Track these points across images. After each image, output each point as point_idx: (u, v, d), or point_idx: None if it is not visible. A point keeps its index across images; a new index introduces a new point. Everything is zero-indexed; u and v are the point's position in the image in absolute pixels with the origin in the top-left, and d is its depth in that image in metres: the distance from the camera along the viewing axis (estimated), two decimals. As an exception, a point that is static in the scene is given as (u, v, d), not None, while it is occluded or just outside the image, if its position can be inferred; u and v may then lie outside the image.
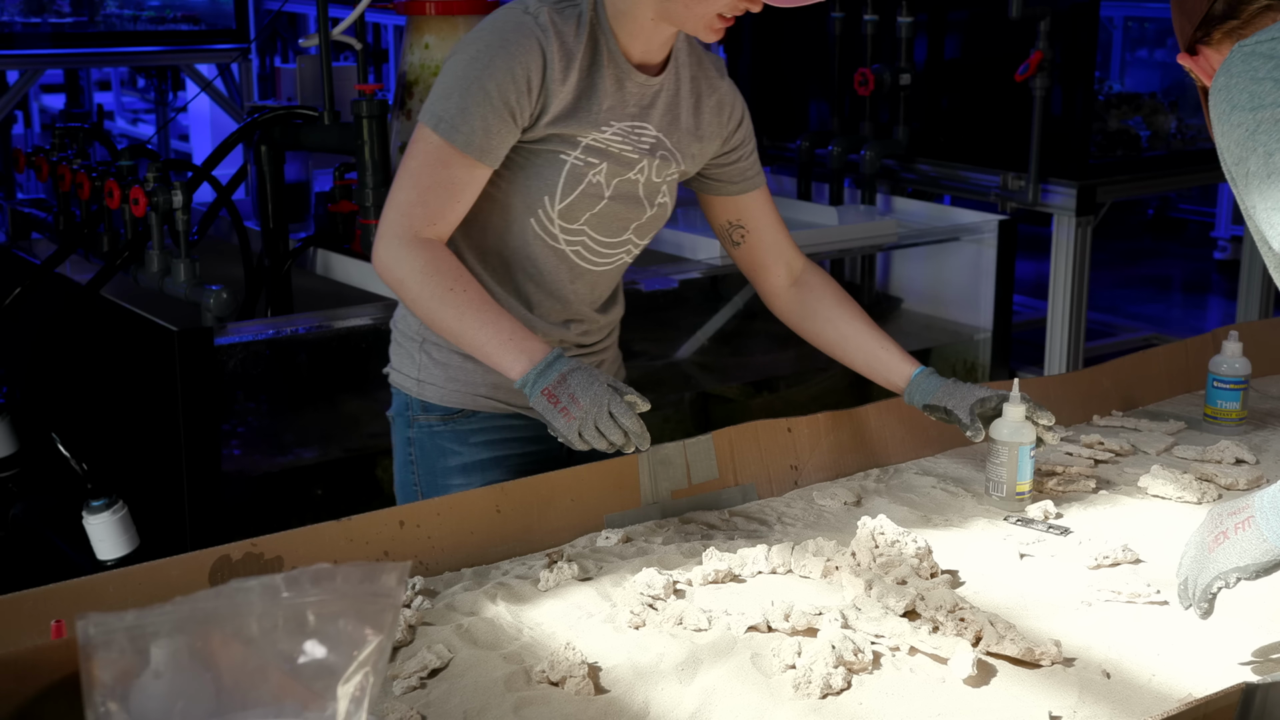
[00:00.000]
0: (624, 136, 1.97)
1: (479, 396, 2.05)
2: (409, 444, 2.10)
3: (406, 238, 1.90)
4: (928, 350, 4.39)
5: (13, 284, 3.38)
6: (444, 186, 1.90)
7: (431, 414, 2.07)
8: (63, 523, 2.94)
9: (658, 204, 2.06)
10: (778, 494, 2.11)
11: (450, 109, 1.87)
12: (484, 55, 1.87)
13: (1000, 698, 1.47)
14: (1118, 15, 7.82)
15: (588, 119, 1.93)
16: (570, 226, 1.98)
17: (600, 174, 1.96)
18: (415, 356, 2.07)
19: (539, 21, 1.88)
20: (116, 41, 5.41)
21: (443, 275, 1.89)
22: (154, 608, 0.94)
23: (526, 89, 1.87)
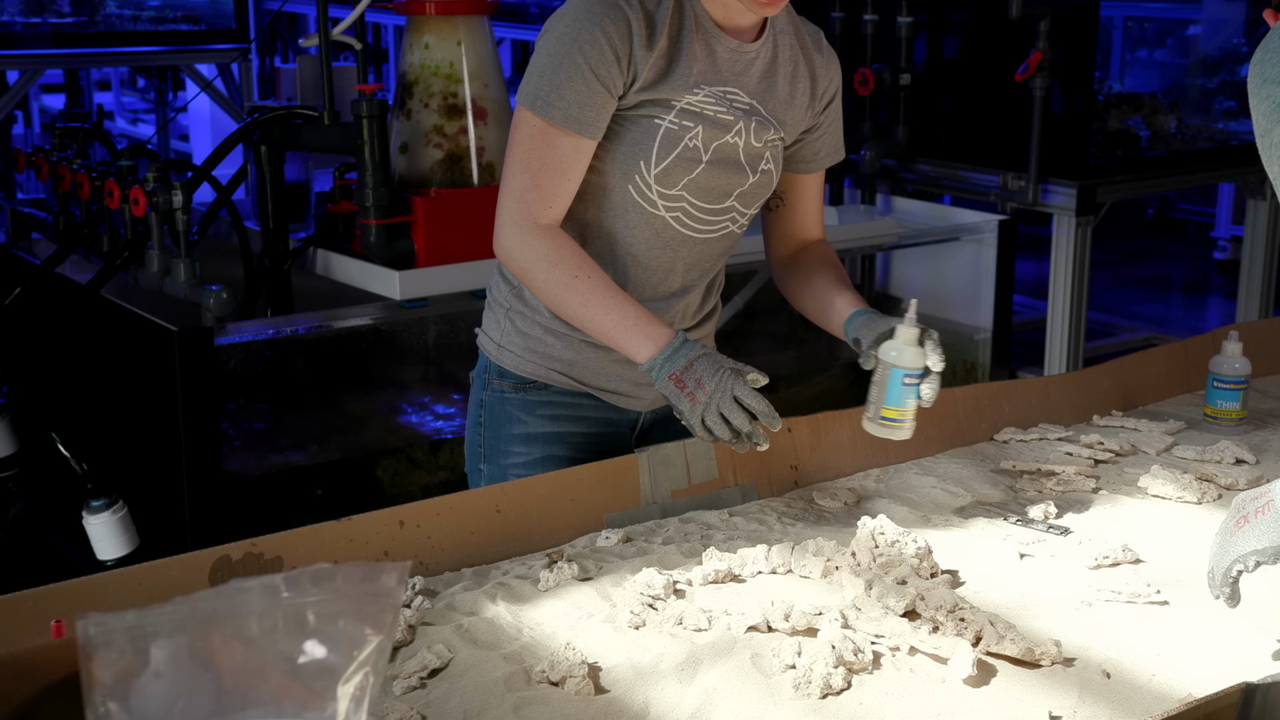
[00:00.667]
0: (717, 99, 1.97)
1: (553, 371, 2.07)
2: (481, 405, 2.14)
3: (525, 225, 1.93)
4: (928, 350, 4.38)
5: (13, 284, 3.38)
6: (553, 166, 1.92)
7: (505, 380, 2.10)
8: (63, 523, 2.94)
9: (761, 170, 2.05)
10: (778, 494, 2.11)
11: (545, 86, 1.89)
12: (572, 29, 1.88)
13: (1000, 698, 1.47)
14: (1118, 15, 7.82)
15: (679, 82, 1.93)
16: (669, 192, 1.98)
17: (696, 138, 1.96)
18: (500, 322, 2.10)
19: None
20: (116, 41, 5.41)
21: (566, 263, 1.92)
22: (154, 608, 0.94)
23: (615, 58, 1.89)
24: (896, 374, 1.93)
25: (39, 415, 3.50)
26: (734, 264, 3.79)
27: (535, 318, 2.06)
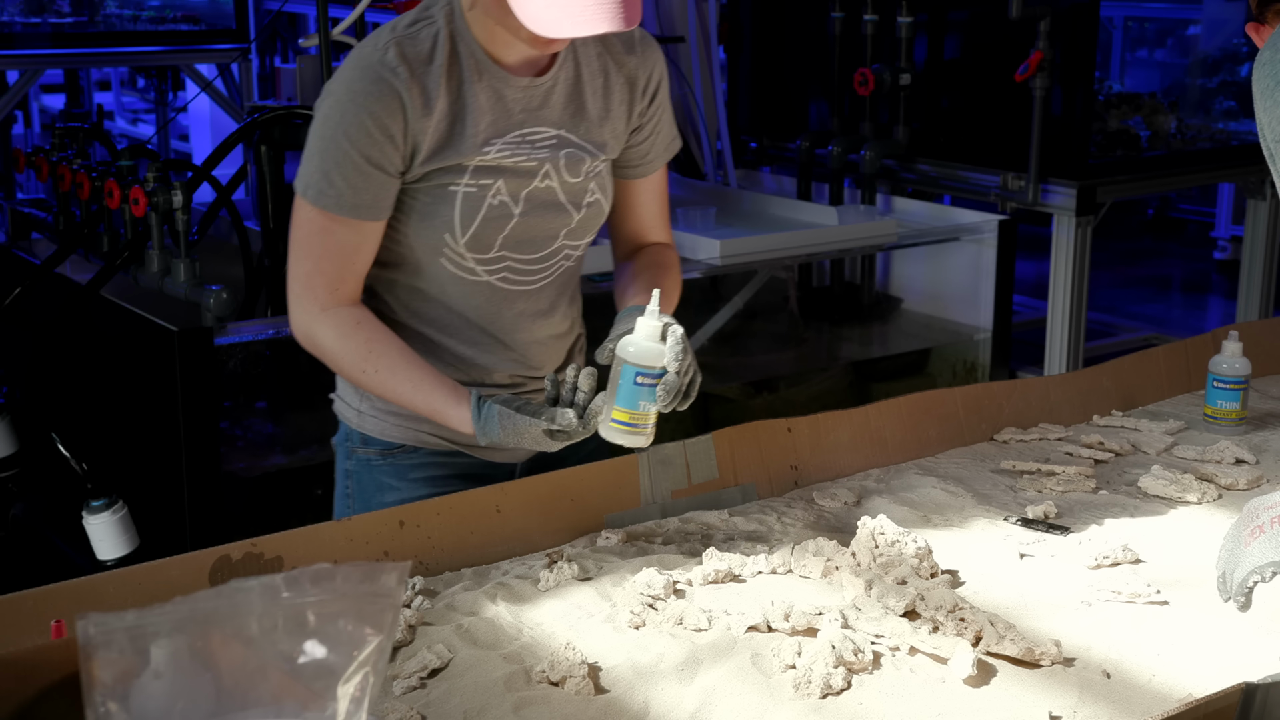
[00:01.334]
0: (515, 147, 1.85)
1: (420, 432, 1.98)
2: (347, 476, 2.04)
3: (313, 310, 1.85)
4: (928, 350, 4.39)
5: (13, 284, 3.38)
6: (335, 252, 1.83)
7: (371, 448, 2.01)
8: (63, 523, 2.94)
9: (587, 205, 1.94)
10: (778, 494, 2.11)
11: (316, 175, 1.80)
12: (335, 113, 1.79)
13: (1000, 698, 1.47)
14: (1118, 15, 7.82)
15: (467, 144, 1.82)
16: (486, 256, 1.88)
17: (500, 193, 1.86)
18: (357, 388, 1.99)
19: (386, 61, 1.77)
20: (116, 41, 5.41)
21: (355, 348, 1.84)
22: (154, 608, 0.94)
23: (387, 138, 1.78)
24: (629, 371, 1.73)
25: (39, 415, 3.50)
26: (734, 264, 3.82)
27: None
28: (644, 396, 1.72)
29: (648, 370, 1.72)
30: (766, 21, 5.20)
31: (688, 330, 2.07)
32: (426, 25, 1.81)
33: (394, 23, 1.84)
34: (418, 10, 1.83)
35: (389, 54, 1.78)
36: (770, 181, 5.05)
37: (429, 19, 1.82)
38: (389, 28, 1.82)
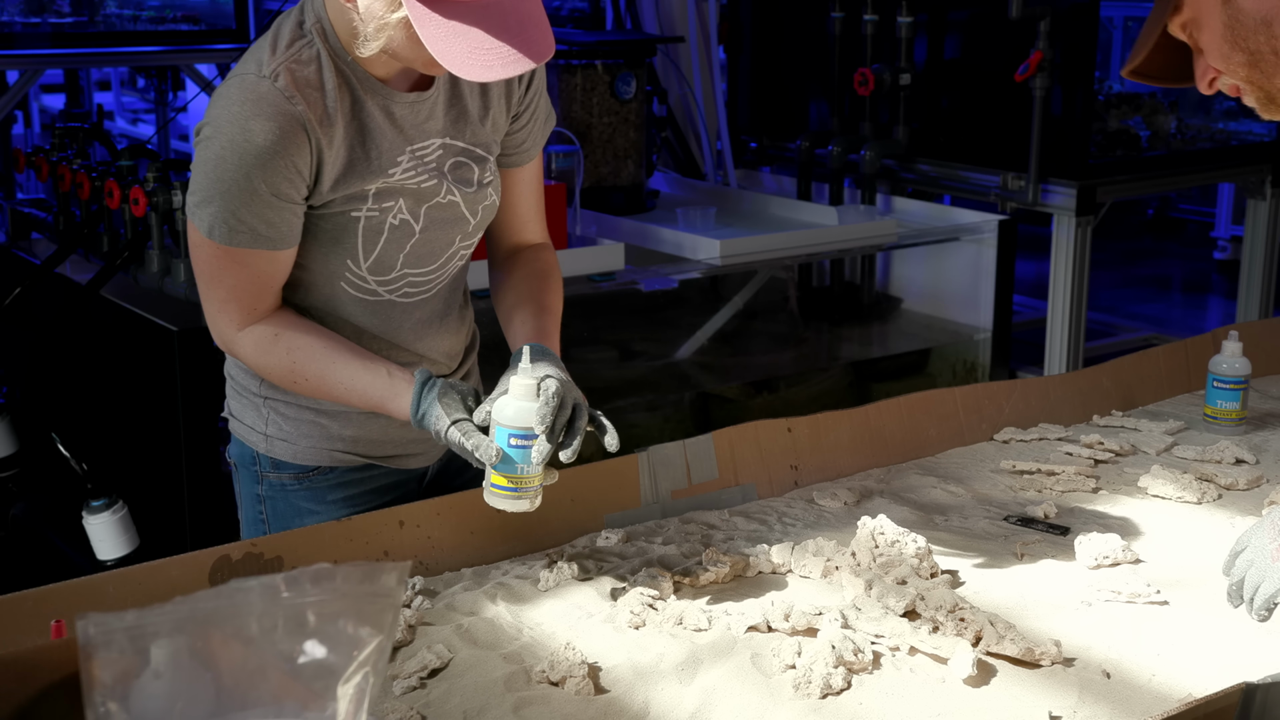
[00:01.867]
0: (415, 167, 1.79)
1: (335, 451, 1.92)
2: (259, 501, 1.96)
3: (231, 330, 1.79)
4: (928, 350, 4.39)
5: (13, 284, 3.38)
6: (250, 280, 1.75)
7: (284, 472, 1.93)
8: (63, 523, 2.94)
9: (484, 207, 1.88)
10: (778, 494, 2.11)
11: (221, 214, 1.70)
12: (233, 149, 1.67)
13: (1000, 698, 1.47)
14: (1118, 15, 7.82)
15: (369, 168, 1.75)
16: (387, 277, 1.83)
17: (401, 211, 1.80)
18: (261, 411, 1.92)
19: (279, 87, 1.67)
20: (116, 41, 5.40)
21: (279, 357, 1.77)
22: (154, 608, 0.94)
23: (296, 172, 1.70)
24: (502, 434, 1.64)
25: (39, 415, 3.50)
26: (734, 264, 3.82)
27: (299, 401, 1.89)
28: (521, 459, 1.64)
29: (522, 432, 1.63)
30: (766, 21, 5.20)
31: (687, 330, 2.05)
32: (306, 46, 1.71)
33: (265, 43, 1.73)
34: (290, 30, 1.72)
35: (281, 80, 1.68)
36: (770, 181, 5.05)
37: (305, 39, 1.71)
38: (267, 48, 1.71)
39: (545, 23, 1.61)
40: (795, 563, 1.80)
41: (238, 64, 1.75)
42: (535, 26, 1.60)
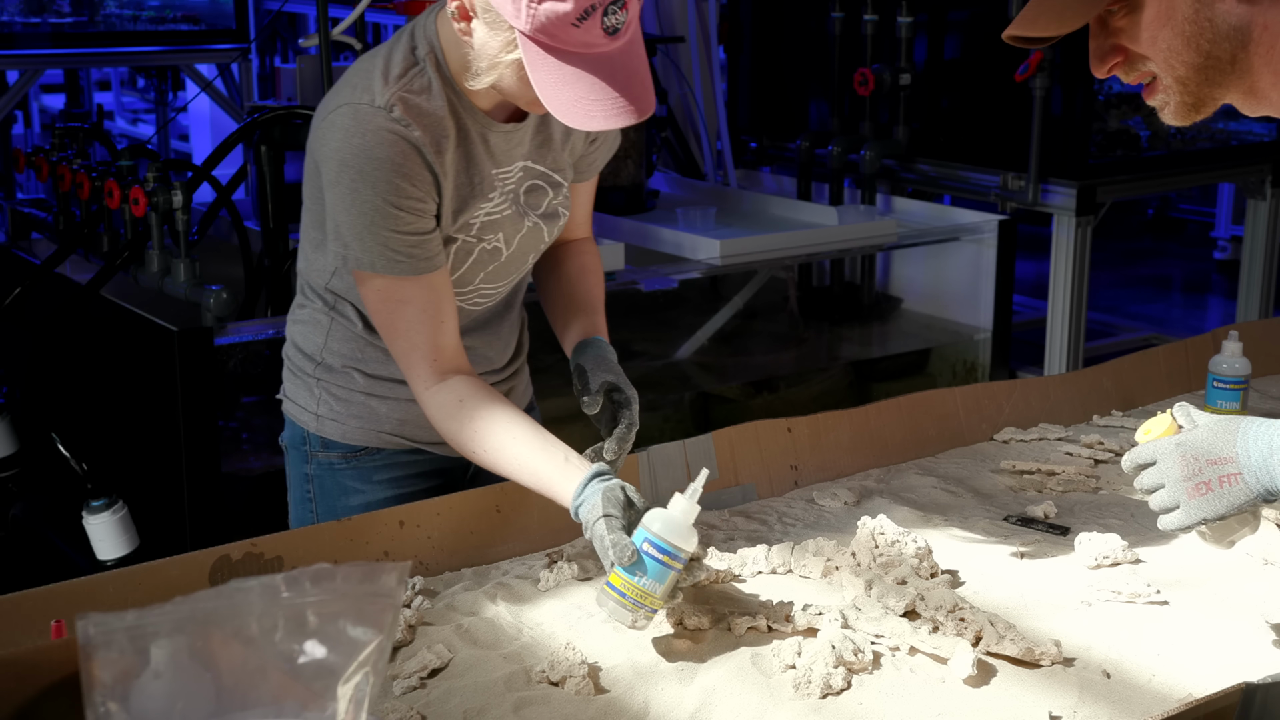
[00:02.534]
0: (506, 198, 1.84)
1: (383, 434, 1.96)
2: (307, 480, 2.01)
3: (420, 389, 1.80)
4: (928, 350, 4.39)
5: (13, 284, 3.38)
6: (418, 320, 1.78)
7: (332, 451, 1.97)
8: (63, 523, 2.94)
9: (558, 227, 1.94)
10: (778, 494, 2.11)
11: (374, 245, 1.73)
12: (366, 183, 1.70)
13: (1000, 698, 1.47)
14: (1117, 15, 7.80)
15: (472, 195, 1.80)
16: (463, 289, 1.87)
17: (498, 240, 1.85)
18: (314, 391, 1.97)
19: (396, 117, 1.71)
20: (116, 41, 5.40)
21: (461, 423, 1.77)
22: (154, 608, 0.94)
23: (427, 195, 1.74)
24: (640, 535, 1.58)
25: (39, 415, 3.50)
26: (734, 264, 3.82)
27: (350, 384, 1.94)
28: (652, 570, 1.55)
29: (662, 544, 1.56)
30: (766, 21, 5.20)
31: (687, 330, 2.06)
32: (419, 75, 1.74)
33: (374, 70, 1.75)
34: (402, 57, 1.75)
35: (395, 111, 1.71)
36: (770, 181, 5.05)
37: (418, 67, 1.75)
38: (378, 76, 1.73)
39: (650, 79, 1.67)
40: (795, 563, 1.80)
41: (340, 92, 1.76)
42: (641, 82, 1.65)
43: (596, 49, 1.60)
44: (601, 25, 1.58)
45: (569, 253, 2.03)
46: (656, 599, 1.55)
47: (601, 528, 1.60)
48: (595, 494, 1.64)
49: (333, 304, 1.92)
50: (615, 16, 1.58)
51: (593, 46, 1.60)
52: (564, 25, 1.57)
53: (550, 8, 1.56)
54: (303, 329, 1.98)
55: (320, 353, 1.95)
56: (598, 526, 1.60)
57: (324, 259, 1.86)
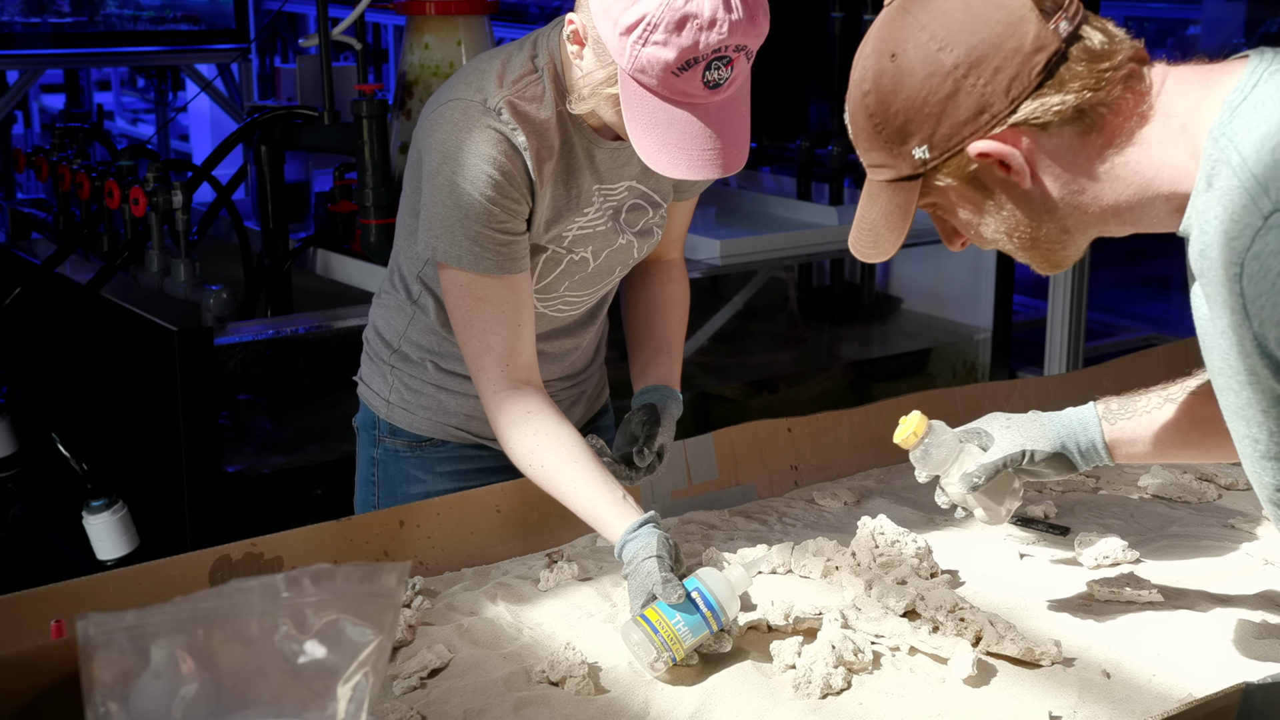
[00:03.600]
0: (604, 214, 1.84)
1: (449, 427, 1.97)
2: (372, 463, 2.03)
3: (489, 394, 1.78)
4: (928, 350, 4.39)
5: (13, 284, 3.38)
6: (497, 321, 1.77)
7: (399, 439, 1.99)
8: (63, 523, 2.94)
9: (650, 244, 1.93)
10: (778, 494, 2.11)
11: (465, 241, 1.73)
12: (469, 174, 1.71)
13: (1000, 698, 1.47)
14: (1118, 15, 7.81)
15: (568, 207, 1.80)
16: (547, 296, 1.88)
17: (586, 252, 1.86)
18: (387, 378, 1.99)
19: (504, 119, 1.71)
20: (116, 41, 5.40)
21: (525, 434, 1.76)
22: (154, 608, 0.94)
23: (522, 198, 1.75)
24: (691, 583, 1.58)
25: (39, 415, 3.50)
26: (734, 264, 3.81)
27: (423, 375, 1.96)
28: (689, 618, 1.54)
29: (711, 599, 1.56)
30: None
31: (688, 330, 2.06)
32: (534, 83, 1.74)
33: (490, 70, 1.75)
34: (521, 63, 1.75)
35: (504, 114, 1.71)
36: (770, 181, 5.05)
37: (536, 75, 1.75)
38: (493, 78, 1.74)
39: (747, 133, 1.67)
40: (795, 563, 1.80)
41: (453, 86, 1.76)
42: (734, 137, 1.65)
43: (695, 99, 1.60)
44: (702, 78, 1.58)
45: (660, 278, 2.04)
46: (682, 648, 1.53)
47: (653, 565, 1.60)
48: (651, 535, 1.64)
49: (416, 296, 1.93)
50: (718, 71, 1.58)
51: (692, 97, 1.60)
52: (665, 71, 1.57)
53: (653, 53, 1.56)
54: (385, 314, 1.99)
55: (399, 340, 1.96)
56: (648, 564, 1.60)
57: (417, 247, 1.85)
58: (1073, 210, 1.32)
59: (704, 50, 1.55)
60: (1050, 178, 1.31)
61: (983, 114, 1.28)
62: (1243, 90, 1.24)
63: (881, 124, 1.32)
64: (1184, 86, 1.30)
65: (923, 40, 1.28)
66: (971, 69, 1.27)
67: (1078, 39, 1.28)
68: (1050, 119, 1.27)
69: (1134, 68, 1.30)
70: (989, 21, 1.27)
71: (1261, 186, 1.18)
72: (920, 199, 1.36)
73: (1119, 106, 1.28)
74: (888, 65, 1.31)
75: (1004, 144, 1.28)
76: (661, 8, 1.54)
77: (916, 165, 1.32)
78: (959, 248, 1.42)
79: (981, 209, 1.35)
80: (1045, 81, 1.27)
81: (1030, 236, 1.35)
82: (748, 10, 1.57)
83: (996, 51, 1.26)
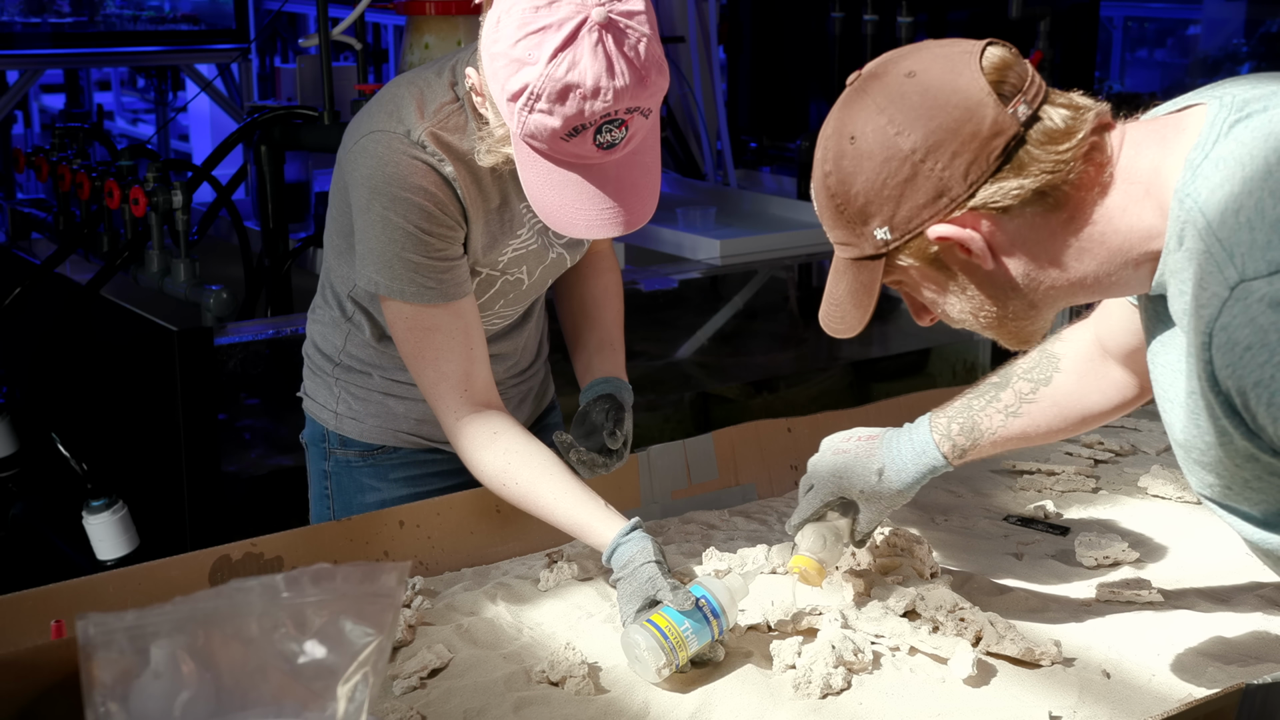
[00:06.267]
0: (534, 232, 1.83)
1: (400, 433, 1.96)
2: (325, 477, 2.01)
3: (450, 420, 1.77)
4: (928, 350, 4.39)
5: (13, 284, 3.38)
6: (448, 348, 1.76)
7: (350, 449, 1.98)
8: (63, 523, 2.94)
9: (580, 252, 1.93)
10: (778, 494, 2.11)
11: (404, 273, 1.71)
12: (399, 206, 1.69)
13: (1000, 698, 1.47)
14: (1118, 15, 7.82)
15: (503, 231, 1.80)
16: (483, 314, 1.86)
17: (521, 272, 1.85)
18: (333, 389, 1.97)
19: (429, 151, 1.69)
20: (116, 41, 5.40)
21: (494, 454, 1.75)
22: (154, 608, 0.94)
23: (456, 224, 1.73)
24: (698, 590, 1.58)
25: (39, 415, 3.50)
26: (734, 264, 3.81)
27: (369, 384, 1.94)
28: (697, 629, 1.54)
29: (715, 605, 1.56)
30: (766, 21, 5.20)
31: (687, 330, 2.05)
32: (456, 113, 1.72)
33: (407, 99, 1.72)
34: (441, 92, 1.72)
35: (429, 147, 1.69)
36: (770, 181, 5.05)
37: (456, 104, 1.72)
38: (412, 108, 1.71)
39: (655, 187, 1.63)
40: (795, 563, 1.80)
41: (373, 117, 1.73)
42: (637, 193, 1.61)
43: (589, 160, 1.57)
44: (594, 141, 1.54)
45: (592, 270, 2.03)
46: (686, 653, 1.52)
47: (653, 570, 1.60)
48: (644, 540, 1.63)
49: (350, 314, 1.91)
50: (610, 134, 1.54)
51: (585, 159, 1.57)
52: (554, 138, 1.54)
53: (539, 120, 1.53)
54: (322, 330, 1.97)
55: (339, 354, 1.95)
56: (647, 569, 1.60)
57: (346, 268, 1.85)
58: (1037, 287, 1.32)
59: (590, 118, 1.52)
60: (1013, 260, 1.30)
61: (941, 198, 1.27)
62: (1203, 147, 1.23)
63: (843, 204, 1.32)
64: (1139, 148, 1.29)
65: (881, 124, 1.28)
66: (929, 154, 1.26)
67: (1036, 120, 1.28)
68: (1010, 202, 1.27)
69: (1096, 140, 1.29)
70: (946, 106, 1.26)
71: (1227, 254, 1.18)
72: (885, 277, 1.36)
73: (1080, 182, 1.28)
74: (847, 147, 1.30)
75: (964, 228, 1.28)
76: (542, 79, 1.51)
77: (879, 245, 1.33)
78: (928, 323, 1.43)
79: (945, 289, 1.35)
80: (1004, 165, 1.26)
81: (996, 315, 1.35)
82: (635, 74, 1.51)
83: (954, 136, 1.26)
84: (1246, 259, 1.16)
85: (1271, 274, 1.15)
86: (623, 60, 1.51)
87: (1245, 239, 1.17)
